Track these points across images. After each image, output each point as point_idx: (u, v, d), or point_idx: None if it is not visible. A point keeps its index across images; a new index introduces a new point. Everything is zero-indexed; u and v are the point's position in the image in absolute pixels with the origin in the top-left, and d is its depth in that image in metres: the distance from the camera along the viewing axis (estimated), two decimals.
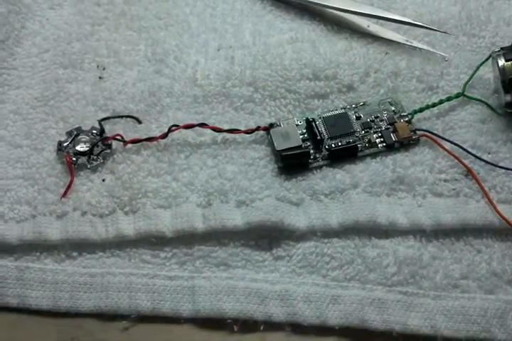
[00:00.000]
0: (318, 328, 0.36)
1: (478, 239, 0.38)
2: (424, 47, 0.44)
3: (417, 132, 0.40)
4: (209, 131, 0.41)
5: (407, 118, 0.41)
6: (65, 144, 0.42)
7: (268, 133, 0.41)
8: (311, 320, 0.36)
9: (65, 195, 0.40)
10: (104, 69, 0.46)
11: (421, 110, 0.41)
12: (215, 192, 0.39)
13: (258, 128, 0.41)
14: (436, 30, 0.44)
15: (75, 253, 0.39)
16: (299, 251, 0.38)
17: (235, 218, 0.38)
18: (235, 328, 0.37)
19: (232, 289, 0.37)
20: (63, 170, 0.41)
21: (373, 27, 0.46)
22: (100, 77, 0.46)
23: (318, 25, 0.47)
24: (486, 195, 0.38)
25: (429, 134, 0.40)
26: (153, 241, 0.39)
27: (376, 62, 0.44)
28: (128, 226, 0.39)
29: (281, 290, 0.37)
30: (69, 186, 0.40)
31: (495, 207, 0.37)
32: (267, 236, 0.39)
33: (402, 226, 0.38)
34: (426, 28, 0.44)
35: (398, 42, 0.45)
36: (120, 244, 0.39)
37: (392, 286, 0.37)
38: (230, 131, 0.41)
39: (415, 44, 0.44)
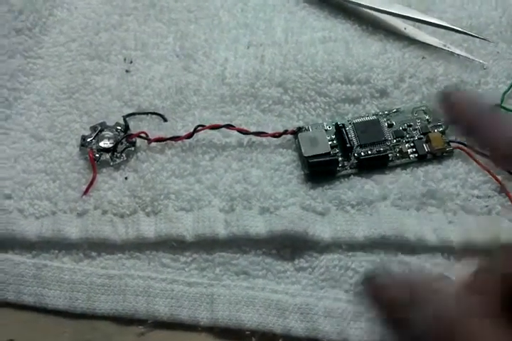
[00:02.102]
0: None
1: None
2: (463, 53, 0.43)
3: (451, 144, 0.39)
4: (235, 132, 0.40)
5: (441, 129, 0.39)
6: (89, 140, 0.41)
7: (296, 138, 0.40)
8: (331, 336, 0.35)
9: (86, 192, 0.39)
10: (131, 62, 0.45)
11: None
12: (239, 197, 0.38)
13: (286, 132, 0.40)
14: (475, 36, 0.43)
15: (93, 253, 0.39)
16: (322, 263, 0.37)
17: (258, 225, 0.37)
18: (253, 340, 0.36)
19: (251, 300, 0.36)
20: (86, 166, 0.40)
21: (410, 29, 0.45)
22: (127, 71, 0.45)
23: (353, 25, 0.46)
24: None
25: (463, 147, 0.38)
26: (174, 245, 0.38)
27: (412, 67, 0.42)
28: (149, 228, 0.38)
29: (302, 304, 0.36)
30: (91, 183, 0.39)
31: None
32: (290, 246, 0.38)
33: (430, 243, 0.36)
34: (464, 33, 0.43)
35: (435, 47, 0.44)
36: (140, 246, 0.38)
37: None
38: (257, 133, 0.40)
39: (453, 49, 0.43)
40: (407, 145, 0.39)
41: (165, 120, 0.42)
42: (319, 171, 0.39)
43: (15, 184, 0.40)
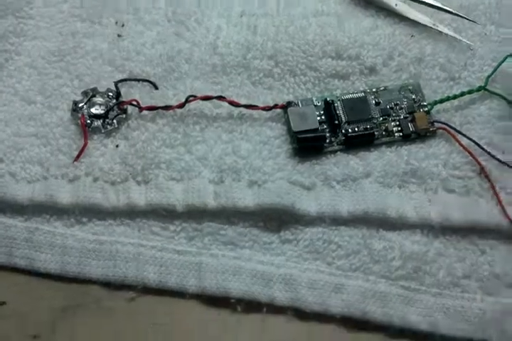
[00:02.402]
0: (319, 315, 0.37)
1: (483, 239, 0.39)
2: (451, 33, 0.43)
3: (435, 124, 0.40)
4: (226, 103, 0.41)
5: (426, 109, 0.41)
6: (80, 105, 0.41)
7: (285, 112, 0.40)
8: (313, 306, 0.37)
9: (77, 158, 0.40)
10: (122, 26, 0.45)
11: (441, 101, 0.41)
12: (228, 169, 0.39)
13: (276, 106, 0.41)
14: (464, 17, 0.43)
15: (84, 219, 0.39)
16: (306, 236, 0.39)
17: (246, 198, 0.38)
18: (238, 308, 0.38)
19: (238, 269, 0.38)
20: (77, 132, 0.41)
21: (401, 6, 0.45)
22: (119, 35, 0.45)
23: None
24: (496, 195, 0.38)
25: (447, 127, 0.40)
26: (164, 214, 0.39)
27: (401, 45, 0.43)
28: (139, 196, 0.39)
29: (286, 274, 0.38)
30: (82, 150, 0.40)
31: (504, 209, 0.38)
32: (277, 219, 0.39)
33: (410, 220, 0.38)
34: (454, 14, 0.43)
35: (425, 26, 0.44)
36: (130, 213, 0.39)
37: (395, 280, 0.38)
38: (248, 106, 0.40)
39: (441, 29, 0.43)
40: (392, 123, 0.40)
41: (156, 88, 0.42)
42: (307, 146, 0.40)
43: (6, 147, 0.40)
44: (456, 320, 0.37)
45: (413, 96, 0.41)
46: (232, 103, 0.40)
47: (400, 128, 0.40)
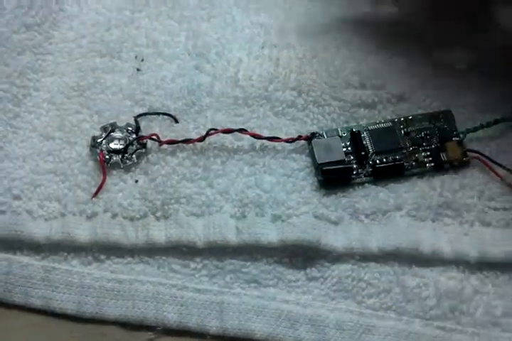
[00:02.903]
0: None
1: None
2: None
3: (468, 154, 0.38)
4: (247, 135, 0.39)
5: (458, 138, 0.39)
6: (99, 140, 0.40)
7: (309, 144, 0.39)
8: None
9: (96, 194, 0.38)
10: (142, 60, 0.44)
11: (475, 130, 0.39)
12: (251, 203, 0.38)
13: (299, 138, 0.39)
14: None
15: (102, 257, 0.38)
16: (334, 273, 0.37)
17: (270, 234, 0.37)
18: None
19: (262, 309, 0.36)
20: (96, 168, 0.40)
21: None
22: (138, 69, 0.44)
23: (368, 25, 0.45)
24: None
25: (480, 157, 0.38)
26: (184, 250, 0.38)
27: (430, 73, 0.41)
28: (159, 232, 0.37)
29: (313, 315, 0.36)
30: (101, 186, 0.39)
31: None
32: (302, 255, 0.37)
33: (445, 256, 0.36)
34: None
35: None
36: (149, 251, 0.38)
37: (430, 320, 0.35)
38: (270, 138, 0.39)
39: None
40: (423, 153, 0.39)
41: (176, 121, 0.41)
42: (333, 178, 0.38)
43: (24, 184, 0.39)
44: None
45: (444, 125, 0.39)
46: (254, 136, 0.39)
47: (431, 159, 0.39)
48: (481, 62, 0.42)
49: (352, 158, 0.39)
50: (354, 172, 0.38)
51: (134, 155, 0.40)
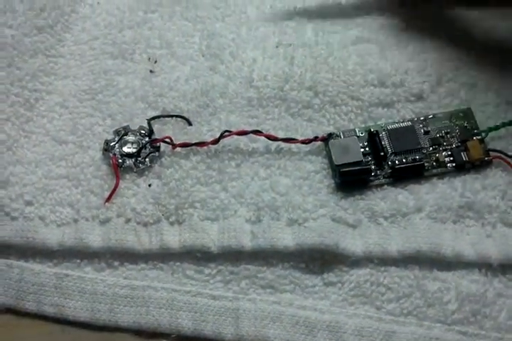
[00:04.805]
0: None
1: None
2: None
3: (490, 153, 0.37)
4: (263, 137, 0.38)
5: (480, 137, 0.37)
6: (112, 144, 0.40)
7: (326, 145, 0.38)
8: None
9: (109, 199, 0.38)
10: (155, 62, 0.44)
11: (496, 128, 0.37)
12: (266, 207, 0.37)
13: (316, 139, 0.38)
14: None
15: (116, 263, 0.37)
16: (352, 278, 0.36)
17: (286, 238, 0.36)
18: None
19: (278, 315, 0.35)
20: (108, 172, 0.39)
21: None
22: (151, 71, 0.43)
23: (386, 19, 0.44)
24: None
25: (503, 156, 0.37)
26: (198, 256, 0.37)
27: (450, 70, 0.40)
28: (173, 238, 0.37)
29: (331, 321, 0.35)
30: (114, 190, 0.38)
31: None
32: (319, 259, 0.36)
33: (467, 259, 0.35)
34: None
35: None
36: (163, 256, 0.37)
37: (451, 325, 0.34)
38: (286, 140, 0.38)
39: None
40: (444, 153, 0.38)
41: (190, 124, 0.41)
42: (351, 180, 0.37)
43: (36, 190, 0.38)
44: None
45: (465, 124, 0.38)
46: (269, 137, 0.38)
47: (452, 159, 0.37)
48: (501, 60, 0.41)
49: (370, 158, 0.38)
50: (372, 174, 0.37)
51: (147, 159, 0.39)
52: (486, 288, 0.35)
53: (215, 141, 0.38)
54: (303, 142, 0.38)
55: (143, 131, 0.40)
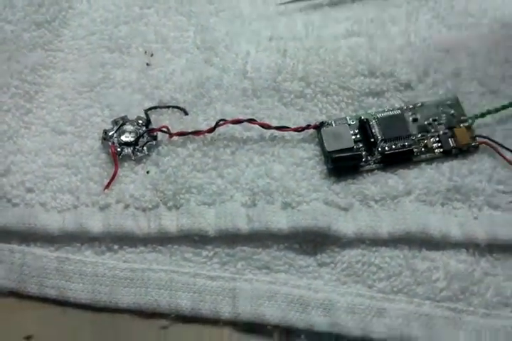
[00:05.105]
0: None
1: None
2: None
3: (477, 139, 0.38)
4: (257, 126, 0.40)
5: (467, 123, 0.39)
6: (111, 133, 0.41)
7: (318, 132, 0.39)
8: (354, 332, 0.35)
9: (108, 186, 0.39)
10: (151, 55, 0.45)
11: (482, 115, 0.39)
12: (261, 192, 0.38)
13: (308, 127, 0.39)
14: None
15: (115, 246, 0.38)
16: (344, 259, 0.37)
17: (280, 221, 0.37)
18: (275, 335, 0.36)
19: (273, 294, 0.36)
20: (107, 160, 0.40)
21: None
22: (148, 64, 0.45)
23: (376, 12, 0.45)
24: None
25: (489, 141, 0.38)
26: (195, 239, 0.38)
27: (436, 61, 0.42)
28: (171, 222, 0.38)
29: (324, 299, 0.36)
30: (113, 177, 0.39)
31: None
32: (312, 241, 0.37)
33: (455, 239, 0.36)
34: None
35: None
36: (162, 240, 0.38)
37: (440, 302, 0.35)
38: (279, 128, 0.39)
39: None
40: (432, 139, 0.39)
41: (186, 113, 0.42)
42: (342, 166, 0.38)
43: (36, 178, 0.39)
44: None
45: (452, 111, 0.40)
46: (263, 125, 0.39)
47: (440, 145, 0.39)
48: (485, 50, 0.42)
49: (361, 145, 0.39)
50: (363, 160, 0.38)
51: (144, 148, 0.40)
52: (474, 267, 0.36)
53: (211, 130, 0.39)
54: (296, 130, 0.39)
55: (140, 121, 0.41)
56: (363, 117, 0.39)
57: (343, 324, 0.35)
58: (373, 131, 0.39)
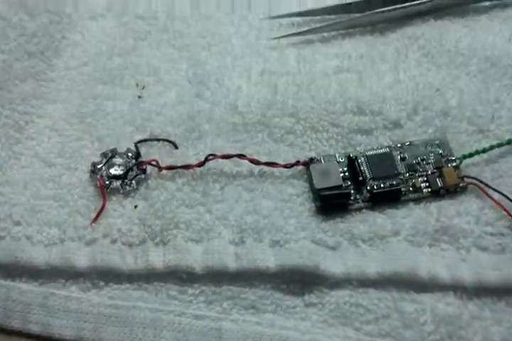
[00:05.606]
0: None
1: None
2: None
3: (465, 179, 0.38)
4: (246, 161, 0.40)
5: (455, 163, 0.39)
6: (99, 166, 0.41)
7: (307, 169, 0.39)
8: None
9: (95, 220, 0.39)
10: (143, 88, 0.45)
11: (470, 155, 0.39)
12: (249, 229, 0.38)
13: (297, 163, 0.40)
14: None
15: (101, 283, 0.38)
16: (332, 300, 0.37)
17: (268, 259, 0.37)
18: None
19: (260, 335, 0.36)
20: (95, 193, 0.40)
21: None
22: (139, 96, 0.45)
23: (366, 49, 0.45)
24: None
25: (477, 182, 0.38)
26: (182, 277, 0.38)
27: (425, 99, 0.42)
28: (158, 258, 0.37)
29: None
30: (100, 211, 0.39)
31: None
32: (300, 281, 0.37)
33: (443, 281, 0.36)
34: None
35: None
36: (148, 277, 0.38)
37: None
38: (268, 164, 0.39)
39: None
40: (420, 179, 0.39)
41: (176, 147, 0.42)
42: (331, 204, 0.38)
43: (24, 210, 0.39)
44: None
45: (440, 151, 0.40)
46: (252, 161, 0.39)
47: (428, 184, 0.39)
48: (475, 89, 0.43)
49: (349, 183, 0.39)
50: (352, 198, 0.38)
51: (133, 181, 0.40)
52: (461, 311, 0.36)
53: (200, 164, 0.39)
54: (285, 166, 0.39)
55: (130, 154, 0.41)
56: (351, 155, 0.39)
57: None
58: (362, 168, 0.39)
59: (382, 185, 0.38)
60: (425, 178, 0.39)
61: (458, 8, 0.47)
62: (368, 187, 0.38)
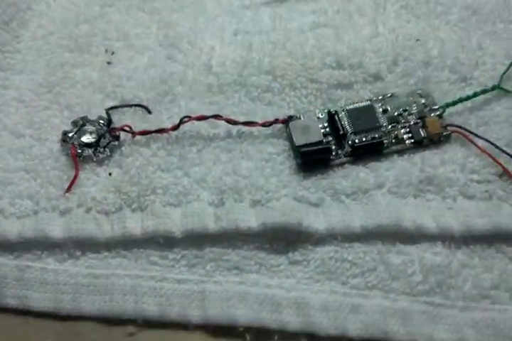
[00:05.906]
0: (336, 339, 0.34)
1: (511, 246, 0.35)
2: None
3: (449, 128, 0.37)
4: (223, 122, 0.38)
5: (438, 113, 0.38)
6: (70, 135, 0.39)
7: (287, 127, 0.38)
8: (328, 330, 0.33)
9: (69, 189, 0.37)
10: (112, 53, 0.44)
11: (453, 103, 0.38)
12: (229, 190, 0.36)
13: (276, 121, 0.38)
14: None
15: (78, 253, 0.37)
16: (317, 256, 0.35)
17: (249, 219, 0.35)
18: (248, 337, 0.34)
19: (244, 295, 0.34)
20: (68, 163, 0.39)
21: None
22: (108, 62, 0.43)
23: (342, 4, 0.44)
24: None
25: (461, 130, 0.37)
26: (162, 242, 0.36)
27: (405, 50, 0.40)
28: (135, 224, 0.36)
29: (297, 298, 0.34)
30: (73, 180, 0.38)
31: None
32: (283, 239, 0.36)
33: (429, 231, 0.35)
34: None
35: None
36: (126, 244, 0.37)
37: (417, 296, 0.34)
38: (246, 123, 0.38)
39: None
40: (402, 130, 0.38)
41: (149, 112, 0.40)
42: (312, 160, 0.37)
43: None
44: (487, 335, 0.33)
45: (423, 101, 0.38)
46: (229, 121, 0.38)
47: (410, 135, 0.37)
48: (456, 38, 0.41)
49: (330, 138, 0.38)
50: (333, 153, 0.37)
51: (106, 148, 0.39)
52: (450, 260, 0.34)
53: (175, 127, 0.38)
54: (263, 125, 0.38)
55: (101, 121, 0.40)
56: (332, 110, 0.38)
57: (318, 322, 0.34)
58: (342, 123, 0.37)
59: (363, 139, 0.37)
60: (408, 129, 0.38)
61: None
62: (350, 142, 0.37)
